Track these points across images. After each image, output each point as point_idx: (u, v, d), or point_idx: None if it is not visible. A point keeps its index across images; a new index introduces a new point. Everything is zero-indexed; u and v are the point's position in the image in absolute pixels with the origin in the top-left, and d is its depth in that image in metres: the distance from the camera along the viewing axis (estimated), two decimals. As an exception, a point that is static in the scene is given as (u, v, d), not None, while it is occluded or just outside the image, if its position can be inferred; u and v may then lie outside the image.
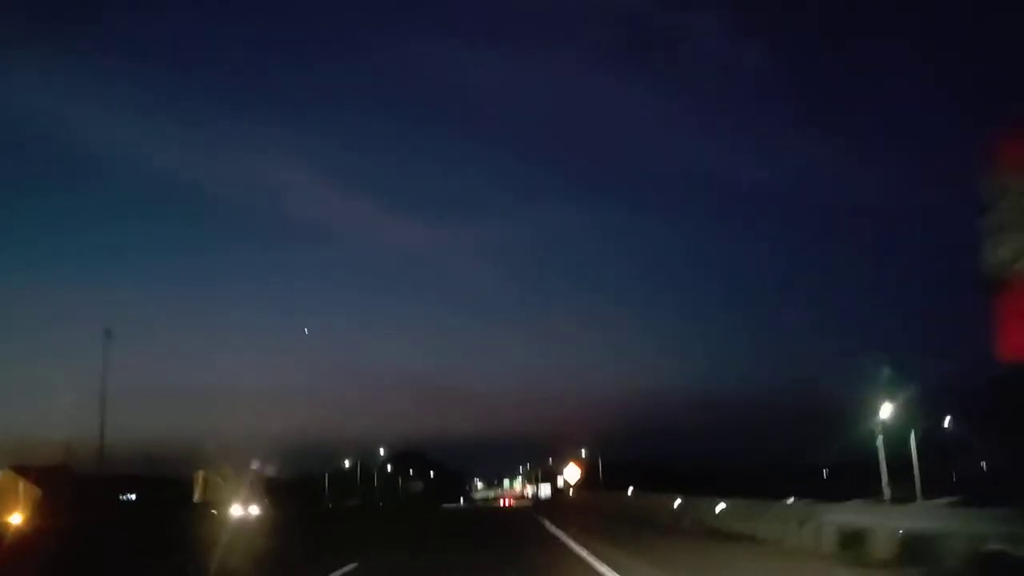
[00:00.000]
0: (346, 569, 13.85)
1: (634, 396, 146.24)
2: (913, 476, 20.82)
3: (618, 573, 12.12)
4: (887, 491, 20.06)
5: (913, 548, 11.28)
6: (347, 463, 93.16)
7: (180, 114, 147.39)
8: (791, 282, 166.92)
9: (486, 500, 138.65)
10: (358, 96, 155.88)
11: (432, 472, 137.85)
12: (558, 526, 25.84)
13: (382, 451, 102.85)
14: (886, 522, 12.36)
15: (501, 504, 70.48)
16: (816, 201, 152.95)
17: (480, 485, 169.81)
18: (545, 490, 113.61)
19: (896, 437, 21.52)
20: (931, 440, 28.09)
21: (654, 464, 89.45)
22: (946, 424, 34.92)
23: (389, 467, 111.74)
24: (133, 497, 65.56)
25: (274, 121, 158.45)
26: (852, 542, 12.82)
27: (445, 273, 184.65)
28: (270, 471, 72.10)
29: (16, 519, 34.06)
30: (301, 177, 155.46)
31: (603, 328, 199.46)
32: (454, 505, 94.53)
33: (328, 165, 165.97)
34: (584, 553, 15.58)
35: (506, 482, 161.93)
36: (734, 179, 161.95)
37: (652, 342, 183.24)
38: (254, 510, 43.37)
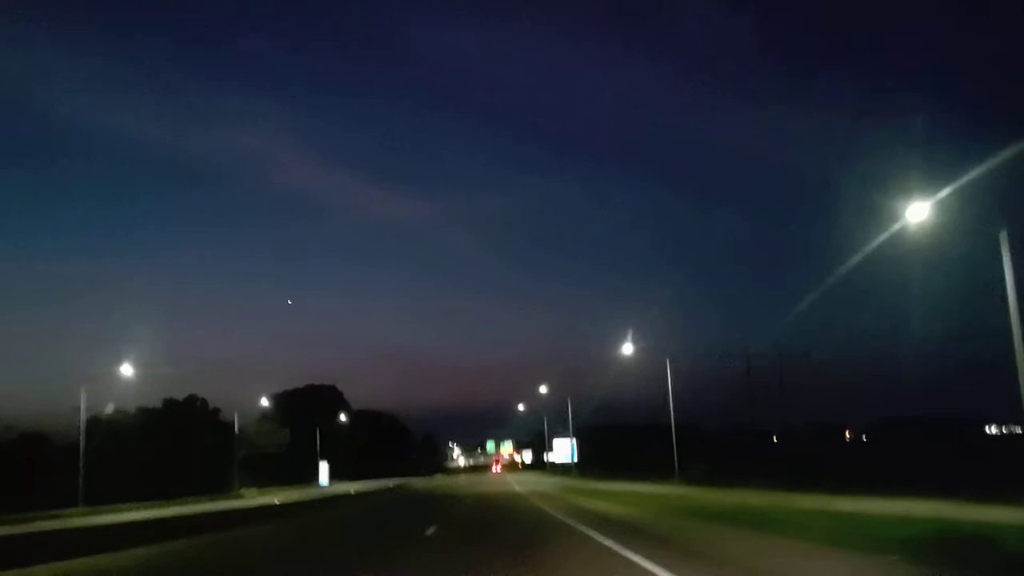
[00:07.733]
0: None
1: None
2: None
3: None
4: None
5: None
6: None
7: (165, 87, 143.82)
8: (785, 249, 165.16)
9: (457, 470, 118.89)
10: (343, 69, 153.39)
11: (346, 415, 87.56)
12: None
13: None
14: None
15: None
16: (810, 169, 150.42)
17: (457, 451, 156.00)
18: (564, 449, 76.44)
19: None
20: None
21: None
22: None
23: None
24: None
25: (259, 94, 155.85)
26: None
27: (431, 245, 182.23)
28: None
29: None
30: (285, 150, 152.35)
31: (589, 299, 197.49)
32: None
33: (313, 138, 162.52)
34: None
35: (490, 444, 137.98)
36: (726, 145, 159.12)
37: (639, 312, 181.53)
38: None
